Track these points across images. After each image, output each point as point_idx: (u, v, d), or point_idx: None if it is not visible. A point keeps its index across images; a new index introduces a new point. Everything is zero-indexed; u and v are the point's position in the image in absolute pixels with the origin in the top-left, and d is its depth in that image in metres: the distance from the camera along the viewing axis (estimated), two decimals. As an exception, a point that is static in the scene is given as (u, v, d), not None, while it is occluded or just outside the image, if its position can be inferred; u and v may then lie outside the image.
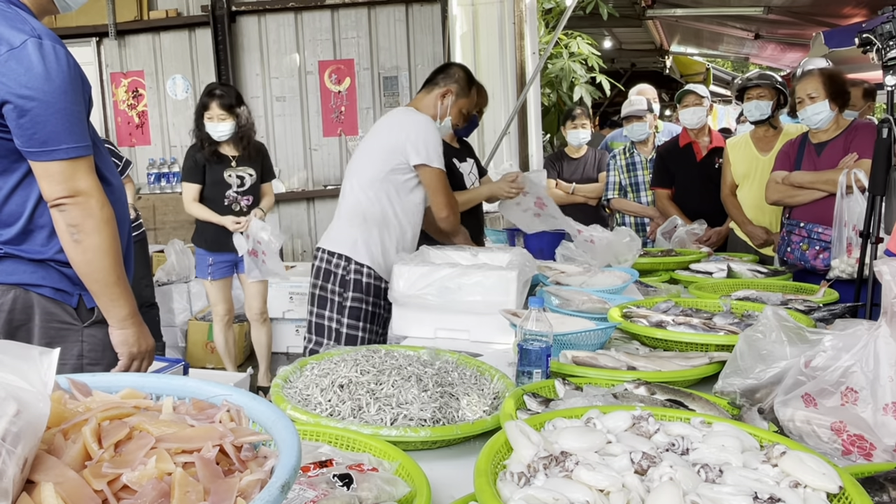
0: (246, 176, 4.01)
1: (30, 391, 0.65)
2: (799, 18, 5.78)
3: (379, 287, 2.54)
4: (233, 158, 3.97)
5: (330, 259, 2.58)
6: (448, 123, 2.67)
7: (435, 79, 2.69)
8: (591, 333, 1.79)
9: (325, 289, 2.58)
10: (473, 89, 2.70)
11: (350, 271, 2.53)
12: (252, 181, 4.01)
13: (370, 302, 2.54)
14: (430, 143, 2.48)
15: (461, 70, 2.71)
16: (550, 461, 0.96)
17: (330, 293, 2.56)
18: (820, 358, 1.27)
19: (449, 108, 2.65)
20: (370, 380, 1.41)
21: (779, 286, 2.55)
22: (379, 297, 2.55)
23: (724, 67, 11.73)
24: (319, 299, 2.60)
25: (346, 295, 2.53)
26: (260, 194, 4.09)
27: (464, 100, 2.67)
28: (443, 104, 2.64)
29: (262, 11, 6.02)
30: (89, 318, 1.67)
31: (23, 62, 1.44)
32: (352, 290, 2.52)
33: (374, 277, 2.54)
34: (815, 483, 0.92)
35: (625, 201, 4.24)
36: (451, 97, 2.63)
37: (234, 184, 3.98)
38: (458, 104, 2.66)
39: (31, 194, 1.57)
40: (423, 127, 2.51)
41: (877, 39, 2.28)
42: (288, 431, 0.73)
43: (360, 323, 2.52)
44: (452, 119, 2.67)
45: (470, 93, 2.68)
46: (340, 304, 2.53)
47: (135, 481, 0.64)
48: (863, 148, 2.80)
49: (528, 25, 5.21)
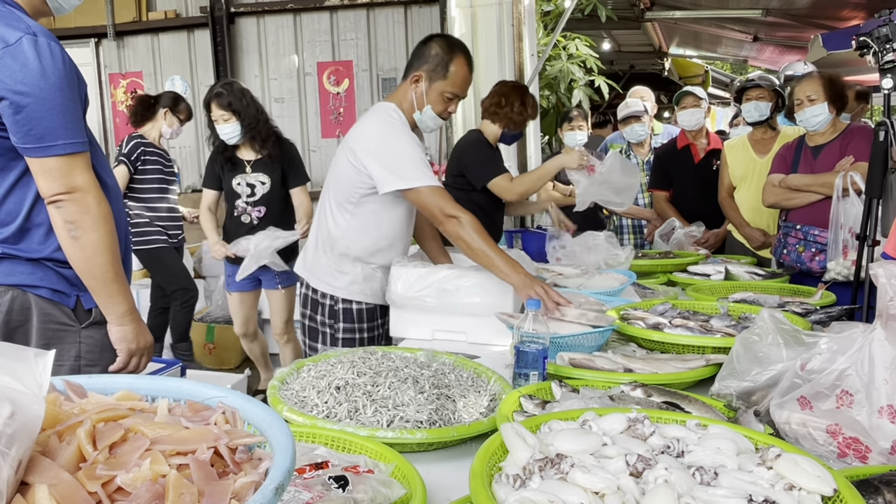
0: (257, 184, 3.57)
1: (24, 393, 0.65)
2: (797, 21, 5.79)
3: (372, 310, 2.32)
4: (248, 164, 3.58)
5: (316, 290, 2.34)
6: (430, 113, 2.23)
7: (410, 62, 2.28)
8: (588, 336, 1.79)
9: (314, 319, 2.36)
10: (455, 66, 2.19)
11: (338, 301, 2.30)
12: (265, 189, 3.57)
13: (364, 329, 2.33)
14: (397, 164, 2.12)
15: (438, 44, 2.22)
16: (546, 463, 0.96)
17: (320, 325, 2.34)
18: (816, 361, 1.28)
19: (424, 95, 2.21)
20: (367, 381, 1.41)
21: (776, 288, 2.55)
22: (374, 319, 2.34)
23: (723, 70, 11.74)
24: (310, 331, 2.38)
25: (337, 326, 2.31)
26: (277, 204, 3.61)
27: (441, 82, 2.19)
28: (416, 92, 2.21)
29: (261, 13, 6.02)
30: (87, 320, 1.67)
31: (18, 59, 1.44)
32: (342, 320, 2.30)
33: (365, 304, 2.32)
34: (809, 486, 0.92)
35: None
36: (423, 82, 2.20)
37: (243, 193, 3.59)
38: (436, 88, 2.20)
39: (27, 193, 1.58)
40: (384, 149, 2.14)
41: (873, 42, 2.28)
42: (283, 434, 0.73)
43: None
44: (434, 107, 2.22)
45: (449, 71, 2.19)
46: (333, 337, 2.33)
47: (129, 483, 0.64)
48: (859, 151, 2.81)
49: (527, 27, 5.21)
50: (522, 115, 3.18)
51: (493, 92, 3.26)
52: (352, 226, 2.25)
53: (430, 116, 2.24)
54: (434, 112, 2.23)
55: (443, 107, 2.23)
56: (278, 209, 3.62)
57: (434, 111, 2.23)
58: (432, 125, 2.29)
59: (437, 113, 2.24)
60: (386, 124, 2.18)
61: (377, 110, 2.26)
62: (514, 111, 3.16)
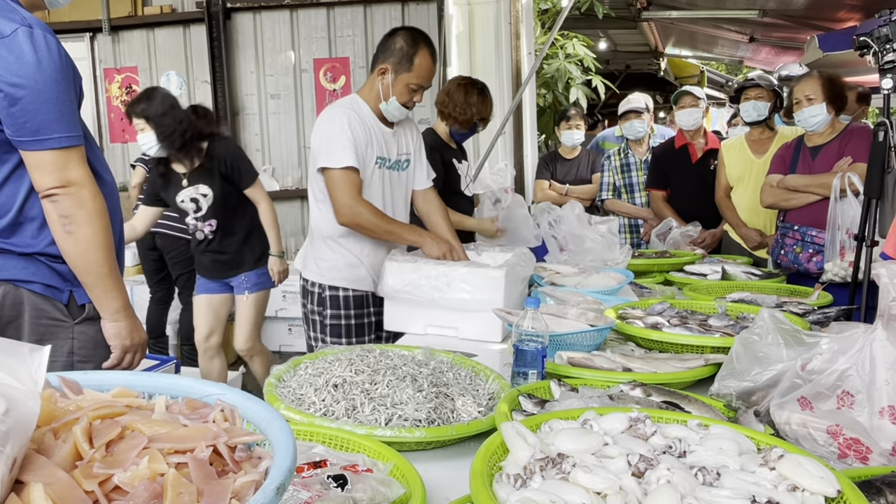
0: (200, 197, 3.22)
1: (19, 389, 0.63)
2: (793, 22, 5.80)
3: (360, 297, 2.43)
4: (183, 177, 3.20)
5: (306, 279, 2.51)
6: (395, 103, 2.33)
7: (376, 55, 2.39)
8: (587, 334, 1.78)
9: (306, 307, 2.52)
10: (419, 59, 2.30)
11: (325, 288, 2.43)
12: (209, 202, 3.22)
13: (352, 315, 2.43)
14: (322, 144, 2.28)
15: (403, 37, 2.32)
16: (547, 463, 0.95)
17: (310, 312, 2.49)
18: (816, 361, 1.27)
19: (391, 87, 2.31)
20: (365, 380, 1.40)
21: (773, 288, 2.55)
22: (362, 307, 2.44)
23: (719, 70, 11.76)
24: (305, 318, 2.55)
25: (325, 313, 2.44)
26: (228, 213, 3.27)
27: (406, 74, 2.30)
28: (383, 83, 2.32)
29: (258, 8, 5.99)
30: (80, 315, 1.66)
31: (13, 51, 1.43)
32: (329, 307, 2.43)
33: (352, 290, 2.44)
34: (812, 487, 0.91)
35: (619, 202, 4.24)
36: (389, 74, 2.31)
37: (189, 209, 3.25)
38: (401, 80, 2.30)
39: (21, 186, 1.56)
40: (317, 130, 2.31)
41: (873, 43, 2.28)
42: (283, 432, 0.71)
43: (342, 340, 2.43)
44: (399, 98, 2.32)
45: (413, 64, 2.30)
46: (322, 323, 2.46)
47: (126, 482, 0.63)
48: (857, 152, 2.81)
49: (525, 25, 5.21)
50: (466, 114, 3.12)
51: (443, 90, 3.25)
52: (321, 209, 2.40)
53: (396, 107, 2.35)
54: (399, 102, 2.34)
55: (408, 97, 2.34)
56: (230, 217, 3.29)
57: (399, 102, 2.34)
58: (398, 115, 2.40)
59: (402, 103, 2.35)
60: (329, 111, 2.36)
61: (335, 102, 2.44)
62: (457, 109, 3.12)
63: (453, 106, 3.13)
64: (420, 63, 2.31)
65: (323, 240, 2.43)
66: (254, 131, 6.17)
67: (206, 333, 3.49)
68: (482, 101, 3.17)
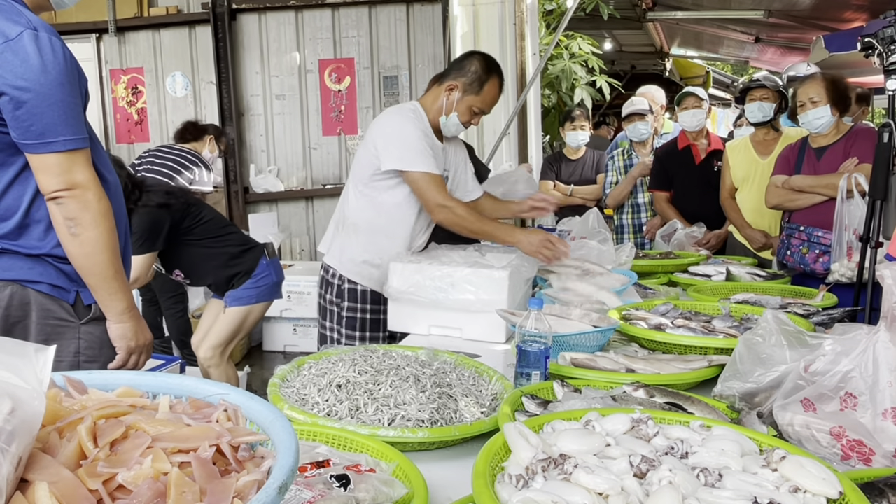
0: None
1: (25, 389, 0.64)
2: (799, 22, 5.78)
3: (378, 293, 2.45)
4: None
5: (327, 269, 2.55)
6: (455, 119, 2.42)
7: (448, 71, 2.49)
8: (590, 335, 1.78)
9: (324, 299, 2.56)
10: (488, 86, 2.41)
11: (344, 280, 2.48)
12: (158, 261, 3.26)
13: (368, 310, 2.48)
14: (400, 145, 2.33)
15: (479, 62, 2.42)
16: (549, 464, 0.95)
17: (329, 304, 2.54)
18: (819, 362, 1.27)
19: (455, 104, 2.40)
20: (368, 380, 1.41)
21: (777, 290, 2.55)
22: (379, 302, 2.47)
23: (724, 71, 11.73)
24: (321, 310, 2.59)
25: (343, 305, 2.49)
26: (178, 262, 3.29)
27: (473, 96, 2.40)
28: (448, 99, 2.41)
29: (263, 9, 6.01)
30: (86, 315, 1.67)
31: (19, 54, 1.43)
32: (347, 299, 2.48)
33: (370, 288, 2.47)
34: (815, 488, 0.91)
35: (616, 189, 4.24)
36: (457, 92, 2.40)
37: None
38: (467, 101, 2.40)
39: (27, 188, 1.57)
40: (391, 130, 2.37)
41: (879, 43, 2.27)
42: (286, 432, 0.72)
43: (356, 332, 2.47)
44: (460, 116, 2.42)
45: (482, 89, 2.40)
46: (339, 315, 2.50)
47: (130, 481, 0.64)
48: (863, 152, 2.80)
49: (529, 26, 5.20)
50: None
51: None
52: (360, 202, 2.46)
53: (455, 123, 2.43)
54: (459, 120, 2.43)
55: (468, 118, 2.44)
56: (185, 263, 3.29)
57: (459, 119, 2.43)
58: (455, 131, 2.49)
59: (462, 122, 2.44)
60: (399, 114, 2.41)
61: (397, 106, 2.51)
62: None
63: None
64: (489, 91, 2.41)
65: (354, 231, 2.47)
66: (259, 132, 6.19)
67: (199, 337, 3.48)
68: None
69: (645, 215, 4.25)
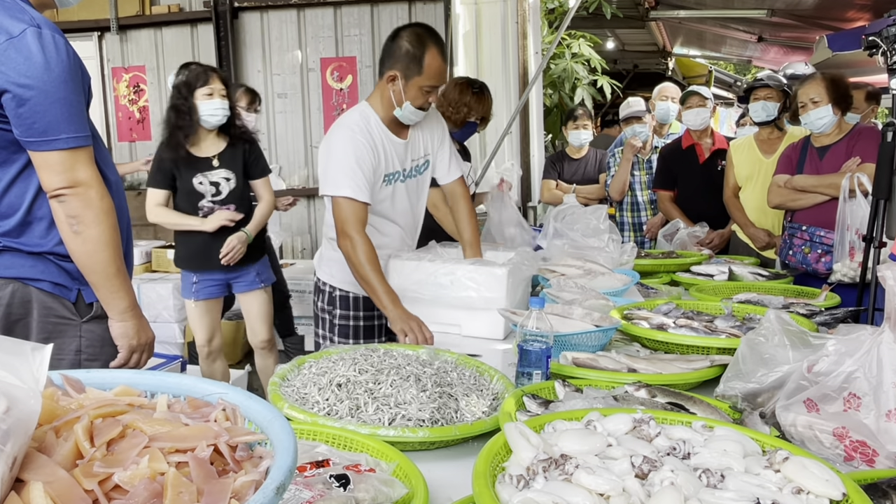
0: (222, 181, 3.20)
1: (21, 387, 0.63)
2: (802, 22, 5.77)
3: (370, 299, 2.25)
4: (212, 159, 3.19)
5: (319, 278, 2.50)
6: (410, 108, 2.22)
7: (383, 59, 2.27)
8: (592, 335, 1.78)
9: (317, 306, 2.51)
10: (428, 59, 2.17)
11: (336, 288, 2.42)
12: (231, 187, 3.21)
13: (361, 317, 2.42)
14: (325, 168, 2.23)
15: (407, 40, 2.19)
16: (550, 464, 0.95)
17: (321, 311, 2.49)
18: (823, 363, 1.26)
19: (403, 92, 2.20)
20: (368, 379, 1.40)
21: (780, 289, 2.54)
22: (372, 309, 2.36)
23: (727, 70, 11.70)
24: (315, 318, 2.54)
25: (335, 313, 2.43)
26: (243, 201, 3.28)
27: (417, 77, 2.18)
28: (394, 90, 2.21)
29: (265, 8, 6.00)
30: (88, 314, 1.66)
31: (22, 51, 1.43)
32: (339, 307, 2.42)
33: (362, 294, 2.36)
34: (818, 489, 0.90)
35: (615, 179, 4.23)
36: (399, 81, 2.19)
37: (208, 192, 3.19)
38: (413, 84, 2.19)
39: (29, 186, 1.56)
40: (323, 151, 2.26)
41: (883, 42, 2.26)
42: (284, 432, 0.71)
43: (349, 341, 2.41)
44: (413, 102, 2.21)
45: (423, 66, 2.17)
46: (331, 323, 2.45)
47: (127, 481, 0.63)
48: (866, 152, 2.79)
49: (532, 25, 5.20)
50: (459, 113, 3.14)
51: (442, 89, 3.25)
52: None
53: (411, 111, 2.25)
54: (414, 107, 2.24)
55: (423, 100, 2.23)
56: (245, 207, 3.28)
57: (414, 106, 2.23)
58: (414, 118, 2.29)
59: (418, 107, 2.24)
60: (336, 131, 2.26)
61: (342, 117, 2.32)
62: (450, 108, 3.13)
63: (447, 104, 3.13)
64: (430, 63, 2.18)
65: (328, 239, 2.43)
66: (260, 130, 6.18)
67: (207, 337, 3.41)
68: (478, 100, 3.16)
69: (645, 214, 4.24)
